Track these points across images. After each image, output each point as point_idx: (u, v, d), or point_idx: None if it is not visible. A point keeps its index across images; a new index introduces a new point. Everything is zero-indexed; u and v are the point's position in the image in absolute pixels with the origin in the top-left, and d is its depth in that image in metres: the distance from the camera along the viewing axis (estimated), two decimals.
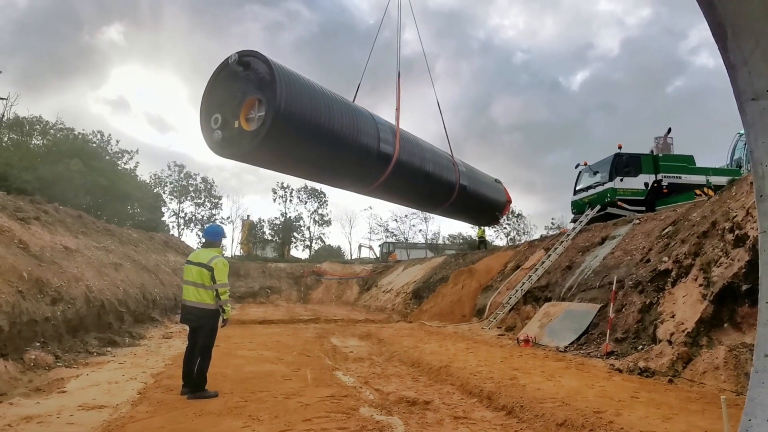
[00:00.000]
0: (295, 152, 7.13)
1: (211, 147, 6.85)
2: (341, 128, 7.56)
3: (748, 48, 1.62)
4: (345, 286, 36.98)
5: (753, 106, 1.63)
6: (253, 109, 6.56)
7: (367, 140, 8.23)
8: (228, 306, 6.21)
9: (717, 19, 1.67)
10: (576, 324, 10.99)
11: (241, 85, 6.68)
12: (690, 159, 18.74)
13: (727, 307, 7.67)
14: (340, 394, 5.93)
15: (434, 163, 11.75)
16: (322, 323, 17.96)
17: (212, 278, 6.07)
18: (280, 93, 6.30)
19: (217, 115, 6.75)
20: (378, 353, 10.59)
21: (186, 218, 58.69)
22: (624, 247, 12.27)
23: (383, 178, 8.66)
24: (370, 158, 8.43)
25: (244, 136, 6.53)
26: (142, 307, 15.23)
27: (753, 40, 1.61)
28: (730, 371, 6.83)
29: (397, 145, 9.21)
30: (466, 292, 18.42)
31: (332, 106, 7.51)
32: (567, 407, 5.38)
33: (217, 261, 6.13)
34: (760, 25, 1.57)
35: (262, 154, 6.96)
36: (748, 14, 1.61)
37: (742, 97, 1.67)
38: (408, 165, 9.84)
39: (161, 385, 6.37)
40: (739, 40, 1.64)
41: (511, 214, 57.38)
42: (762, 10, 1.55)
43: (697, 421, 4.92)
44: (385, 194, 10.54)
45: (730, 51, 1.68)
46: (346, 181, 8.93)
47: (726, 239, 8.20)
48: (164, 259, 24.71)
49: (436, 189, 12.31)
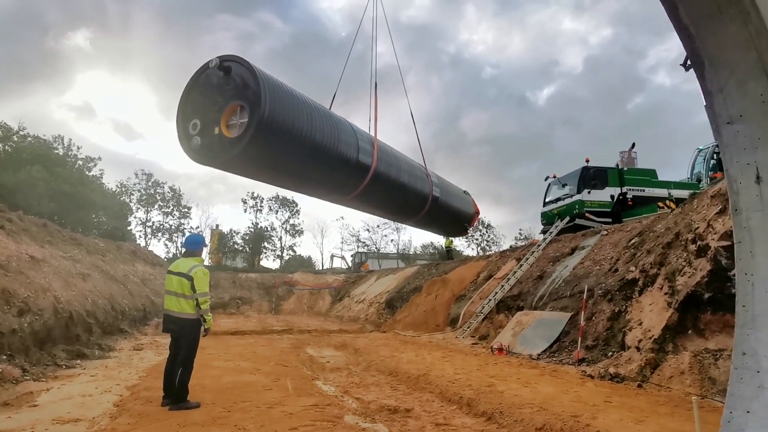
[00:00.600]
0: (276, 161, 6.89)
1: (189, 154, 6.42)
2: (322, 137, 7.39)
3: (724, 77, 1.82)
4: (317, 297, 36.74)
5: (728, 129, 1.82)
6: (235, 116, 6.16)
7: (347, 150, 8.07)
8: (209, 315, 6.21)
9: (696, 51, 1.86)
10: (548, 332, 11.28)
11: (222, 90, 6.35)
12: (653, 173, 19.53)
13: (691, 314, 8.04)
14: (323, 403, 5.96)
15: (409, 174, 11.85)
16: (296, 334, 17.84)
17: (192, 288, 6.06)
18: (264, 100, 5.85)
19: (195, 120, 6.33)
20: (355, 363, 10.62)
21: (153, 227, 57.35)
22: (593, 258, 12.69)
23: (361, 188, 8.60)
24: (349, 168, 8.26)
25: (224, 143, 6.15)
26: (111, 319, 14.82)
27: (728, 70, 1.80)
28: (695, 375, 7.16)
29: (375, 155, 9.16)
30: (440, 301, 18.62)
31: (314, 115, 7.33)
32: (545, 412, 5.56)
33: (197, 270, 6.13)
34: (734, 57, 1.76)
35: (243, 162, 6.62)
36: (723, 48, 1.81)
37: (718, 120, 1.86)
38: (385, 176, 9.77)
39: (139, 396, 6.26)
40: (715, 70, 1.83)
41: (481, 225, 58.41)
42: (736, 44, 1.74)
43: (668, 423, 5.16)
44: (362, 204, 10.52)
45: (707, 79, 1.87)
46: (325, 190, 8.83)
47: (689, 250, 8.62)
48: (132, 269, 24.09)
49: (410, 200, 12.38)
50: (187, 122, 6.38)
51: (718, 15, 1.76)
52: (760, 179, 1.74)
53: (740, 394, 1.65)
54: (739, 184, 1.81)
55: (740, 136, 1.79)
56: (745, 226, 1.80)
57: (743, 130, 1.78)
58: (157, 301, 21.99)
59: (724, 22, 1.75)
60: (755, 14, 1.66)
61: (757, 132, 1.74)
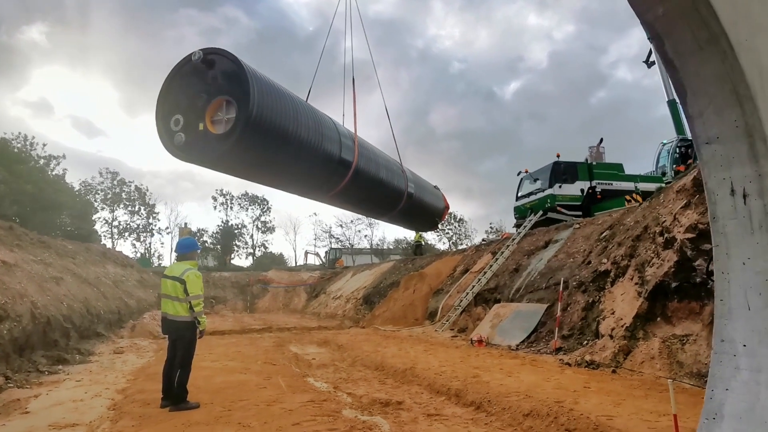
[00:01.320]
0: (262, 158, 6.60)
1: (171, 151, 6.19)
2: (308, 134, 7.30)
3: (703, 104, 2.11)
4: (292, 294, 36.71)
5: (707, 148, 2.12)
6: (221, 111, 5.96)
7: (330, 147, 8.02)
8: (203, 318, 6.34)
9: (679, 81, 2.15)
10: (525, 323, 11.74)
11: (206, 84, 6.10)
12: (620, 167, 20.32)
13: (660, 303, 8.56)
14: (319, 399, 6.16)
15: (387, 170, 11.98)
16: (275, 332, 17.91)
17: (186, 291, 6.16)
18: (253, 96, 5.70)
19: (177, 116, 6.06)
20: (340, 359, 10.82)
21: (120, 227, 55.99)
22: (566, 250, 13.23)
23: (342, 185, 8.62)
24: (332, 165, 8.22)
25: (210, 140, 5.97)
26: (87, 322, 14.58)
27: (707, 99, 2.09)
28: (664, 360, 7.67)
29: (356, 152, 9.19)
30: (418, 296, 18.98)
31: (299, 110, 7.21)
32: (530, 399, 5.91)
33: (189, 273, 6.23)
34: (712, 88, 2.05)
35: (230, 160, 6.28)
36: (703, 80, 2.10)
37: (698, 140, 2.16)
38: (365, 172, 9.77)
39: (135, 399, 6.33)
40: (696, 98, 2.12)
41: (453, 219, 59.28)
42: (714, 77, 2.04)
43: (643, 405, 5.57)
44: (341, 201, 10.57)
45: (689, 105, 2.16)
46: (307, 188, 8.81)
47: (657, 242, 9.15)
48: (104, 271, 23.61)
49: (387, 196, 12.50)
50: (167, 118, 6.13)
51: (699, 52, 2.05)
52: (734, 192, 2.04)
53: (720, 374, 1.96)
54: (716, 196, 2.11)
55: (717, 155, 2.09)
56: (721, 231, 2.11)
57: (720, 150, 2.08)
58: (130, 303, 21.66)
59: (705, 58, 2.04)
60: (731, 53, 1.96)
61: (731, 152, 2.04)
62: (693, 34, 2.03)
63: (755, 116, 1.92)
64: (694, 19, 2.00)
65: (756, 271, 1.95)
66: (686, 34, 2.05)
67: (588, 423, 4.78)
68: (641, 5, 2.16)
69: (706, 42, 1.99)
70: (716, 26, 1.95)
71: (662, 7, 2.07)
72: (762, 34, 1.96)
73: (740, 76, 1.94)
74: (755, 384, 1.84)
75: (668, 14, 2.07)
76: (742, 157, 1.99)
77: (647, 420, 4.95)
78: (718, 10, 1.94)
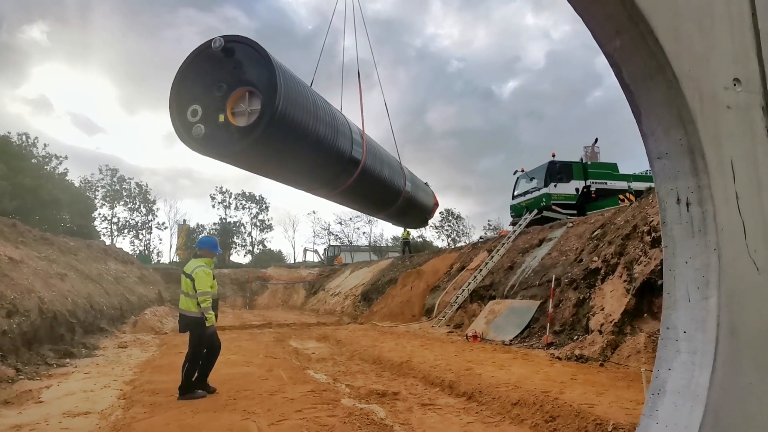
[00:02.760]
0: (282, 152, 6.24)
1: (189, 144, 5.77)
2: (325, 129, 6.87)
3: (654, 124, 2.43)
4: (291, 291, 37.05)
5: (658, 162, 2.44)
6: (243, 102, 5.56)
7: (343, 143, 7.63)
8: (209, 314, 6.55)
9: (635, 103, 2.47)
10: (519, 319, 12.08)
11: (226, 73, 5.70)
12: (614, 166, 20.66)
13: (647, 299, 8.91)
14: (319, 389, 6.50)
15: (390, 168, 11.87)
16: (275, 328, 18.22)
17: (194, 287, 6.44)
18: (280, 88, 5.36)
19: (195, 106, 5.64)
20: (339, 353, 11.16)
21: (119, 224, 56.22)
22: (560, 248, 13.57)
23: (350, 182, 8.38)
24: (343, 162, 7.94)
25: (232, 133, 5.60)
26: (91, 318, 14.91)
27: (657, 120, 2.41)
28: (649, 354, 8.00)
29: (365, 149, 8.82)
30: (415, 292, 19.32)
31: (317, 104, 6.61)
32: (519, 390, 6.25)
33: (198, 270, 6.49)
34: (661, 111, 2.37)
35: (252, 153, 5.92)
36: (654, 103, 2.42)
37: (651, 155, 2.48)
38: (371, 169, 9.35)
39: (144, 389, 6.65)
40: (648, 119, 2.44)
41: (451, 216, 59.69)
42: (663, 102, 2.35)
43: (624, 395, 5.92)
44: (345, 199, 10.23)
45: (643, 124, 2.48)
46: (317, 184, 8.44)
47: (645, 241, 9.49)
48: (105, 267, 23.92)
49: (387, 193, 12.34)
50: (184, 108, 5.67)
51: (650, 80, 2.37)
52: (679, 201, 2.37)
53: (664, 356, 2.28)
54: (666, 204, 2.43)
55: (666, 168, 2.41)
56: (669, 234, 2.44)
57: (668, 164, 2.41)
58: (131, 299, 21.98)
59: (654, 85, 2.36)
60: (675, 81, 2.28)
61: (677, 166, 2.36)
62: (644, 64, 2.35)
63: (696, 136, 2.25)
64: (645, 52, 2.32)
65: (695, 269, 2.28)
66: (638, 64, 2.37)
67: (570, 410, 5.12)
68: (602, 37, 2.49)
69: (655, 71, 2.31)
70: (662, 58, 2.27)
71: (619, 40, 2.40)
72: (701, 65, 2.29)
73: (683, 102, 2.26)
74: (691, 364, 2.17)
75: (624, 46, 2.39)
76: (686, 171, 2.32)
77: (626, 408, 5.29)
78: (663, 44, 2.26)
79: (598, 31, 2.47)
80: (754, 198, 2.27)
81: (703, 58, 2.29)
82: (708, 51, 2.33)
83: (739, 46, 2.41)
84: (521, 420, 5.36)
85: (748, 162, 2.29)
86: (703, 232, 2.26)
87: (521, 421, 5.34)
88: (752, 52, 2.42)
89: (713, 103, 2.29)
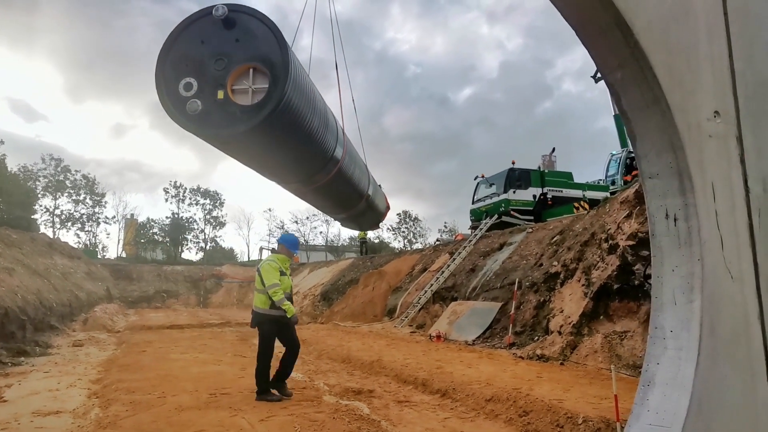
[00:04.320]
0: (276, 140, 5.62)
1: (178, 120, 5.03)
2: (318, 122, 6.17)
3: (648, 147, 2.75)
4: (247, 289, 36.42)
5: (649, 182, 2.76)
6: (246, 78, 4.92)
7: (330, 140, 7.12)
8: (285, 304, 6.14)
9: (632, 128, 2.79)
10: (481, 320, 12.53)
11: (228, 45, 5.06)
12: (569, 175, 21.66)
13: (603, 303, 9.50)
14: (299, 387, 6.60)
15: (359, 170, 11.66)
16: (234, 326, 17.99)
17: (262, 282, 6.16)
18: (293, 69, 4.85)
19: (189, 80, 4.96)
20: (306, 352, 11.21)
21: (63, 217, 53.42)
22: (520, 253, 14.16)
23: (326, 180, 7.90)
24: (326, 159, 7.31)
25: (235, 112, 4.95)
26: (41, 315, 14.25)
27: (651, 144, 2.74)
28: (605, 354, 8.57)
29: (345, 148, 8.41)
30: (377, 293, 19.56)
31: (315, 93, 6.04)
32: (491, 386, 6.58)
33: (263, 264, 6.23)
34: (655, 136, 2.70)
35: (249, 137, 5.21)
36: (648, 129, 2.74)
37: (643, 175, 2.80)
38: (346, 170, 8.79)
39: (118, 388, 6.53)
40: (643, 143, 2.76)
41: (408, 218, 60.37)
42: (656, 128, 2.68)
43: (588, 391, 6.36)
44: (315, 196, 9.68)
45: (638, 147, 2.80)
46: (295, 178, 7.77)
47: (602, 247, 10.10)
48: (52, 262, 22.83)
49: (353, 195, 12.06)
50: (175, 81, 5.00)
51: (646, 109, 2.69)
52: (668, 216, 2.70)
53: (653, 352, 2.60)
54: (655, 218, 2.76)
55: (657, 187, 2.74)
56: (658, 246, 2.77)
57: (659, 184, 2.74)
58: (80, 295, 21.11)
59: (650, 114, 2.68)
60: (668, 112, 2.60)
61: (667, 186, 2.69)
62: (642, 95, 2.66)
63: (684, 161, 2.58)
64: (643, 84, 2.64)
65: (681, 276, 2.61)
66: (637, 94, 2.69)
67: (542, 405, 5.48)
68: (605, 69, 2.79)
69: (651, 102, 2.63)
70: (658, 91, 2.59)
71: (620, 73, 2.71)
72: (689, 98, 2.63)
73: (674, 130, 2.59)
74: (678, 359, 2.50)
75: (624, 78, 2.70)
76: (674, 190, 2.65)
77: (592, 402, 5.71)
78: (659, 78, 2.58)
79: (602, 62, 2.78)
80: (730, 216, 2.63)
81: (691, 91, 2.63)
82: (695, 86, 2.67)
83: (719, 83, 2.76)
84: (496, 415, 5.67)
85: (725, 184, 2.64)
86: (688, 244, 2.59)
87: (496, 416, 5.66)
88: (729, 88, 2.78)
89: (698, 132, 2.63)
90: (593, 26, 2.75)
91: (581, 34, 2.79)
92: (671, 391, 2.45)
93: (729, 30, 2.80)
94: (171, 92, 4.88)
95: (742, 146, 2.71)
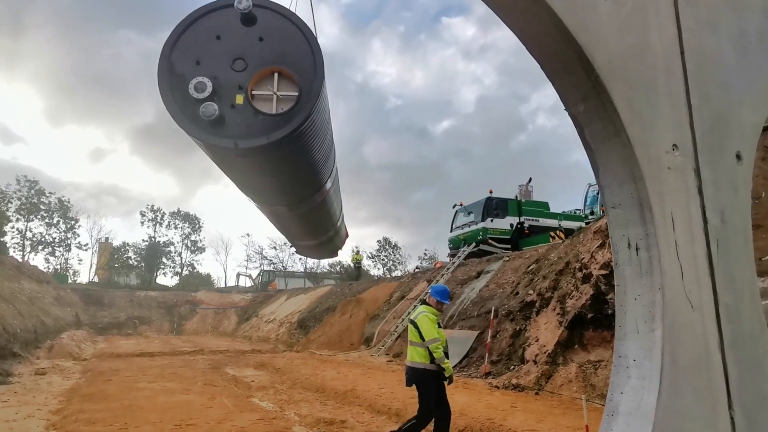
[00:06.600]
0: (283, 157, 4.81)
1: (185, 125, 4.13)
2: (326, 143, 5.58)
3: (610, 179, 2.83)
4: (222, 316, 35.69)
5: (612, 212, 2.82)
6: (270, 83, 4.24)
7: (329, 166, 6.57)
8: (446, 362, 5.71)
9: (594, 160, 2.87)
10: (458, 349, 12.43)
11: (249, 43, 4.35)
12: (546, 205, 22.01)
13: (578, 332, 9.55)
14: (269, 417, 6.41)
15: (337, 198, 11.30)
16: (208, 354, 17.54)
17: (420, 336, 5.70)
18: (321, 79, 4.25)
19: (201, 79, 4.16)
20: (279, 381, 10.96)
21: (34, 240, 52.02)
22: (497, 281, 14.21)
23: (309, 206, 7.36)
24: (319, 185, 6.63)
25: (256, 119, 4.21)
26: (3, 341, 13.70)
27: (613, 175, 2.81)
28: (580, 383, 8.57)
29: (333, 175, 7.91)
30: (354, 321, 19.33)
31: (328, 112, 5.37)
32: (465, 417, 6.50)
33: (421, 316, 5.79)
34: (616, 168, 2.77)
35: (268, 152, 4.40)
36: (610, 161, 2.82)
37: (607, 204, 2.86)
38: (329, 198, 8.35)
39: (78, 419, 6.26)
40: (605, 174, 2.83)
41: (388, 245, 60.33)
42: (618, 160, 2.76)
43: (561, 421, 6.33)
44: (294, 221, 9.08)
45: (601, 178, 2.87)
46: (283, 202, 7.20)
47: (576, 276, 10.21)
48: (19, 287, 22.09)
49: (327, 224, 11.66)
50: (184, 80, 4.28)
51: (608, 141, 2.76)
52: (630, 245, 2.75)
53: (617, 382, 2.61)
54: (618, 248, 2.81)
55: (619, 217, 2.80)
56: (621, 275, 2.81)
57: (621, 214, 2.80)
58: (47, 321, 20.42)
59: (612, 146, 2.76)
60: (628, 144, 2.68)
61: (629, 216, 2.76)
62: (603, 128, 2.74)
63: (644, 191, 2.65)
64: (604, 117, 2.72)
65: (643, 305, 2.64)
66: (599, 127, 2.77)
67: None
68: (568, 101, 2.87)
69: (613, 134, 2.71)
70: (619, 124, 2.67)
71: (583, 105, 2.79)
72: (648, 131, 2.72)
73: (635, 162, 2.66)
74: (641, 388, 2.50)
75: (587, 111, 2.79)
76: (636, 220, 2.71)
77: None
78: (620, 112, 2.66)
79: (565, 95, 2.86)
80: (689, 246, 2.69)
81: (650, 125, 2.72)
82: (654, 119, 2.76)
83: (677, 117, 2.87)
84: None
85: (684, 215, 2.71)
86: (649, 273, 2.64)
87: None
88: (686, 122, 2.89)
89: (658, 164, 2.71)
90: (557, 61, 2.84)
91: (546, 69, 2.88)
92: (634, 420, 2.45)
93: (686, 67, 2.92)
94: (178, 92, 4.17)
95: (699, 178, 2.80)
